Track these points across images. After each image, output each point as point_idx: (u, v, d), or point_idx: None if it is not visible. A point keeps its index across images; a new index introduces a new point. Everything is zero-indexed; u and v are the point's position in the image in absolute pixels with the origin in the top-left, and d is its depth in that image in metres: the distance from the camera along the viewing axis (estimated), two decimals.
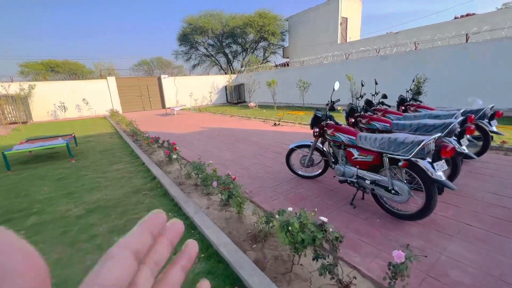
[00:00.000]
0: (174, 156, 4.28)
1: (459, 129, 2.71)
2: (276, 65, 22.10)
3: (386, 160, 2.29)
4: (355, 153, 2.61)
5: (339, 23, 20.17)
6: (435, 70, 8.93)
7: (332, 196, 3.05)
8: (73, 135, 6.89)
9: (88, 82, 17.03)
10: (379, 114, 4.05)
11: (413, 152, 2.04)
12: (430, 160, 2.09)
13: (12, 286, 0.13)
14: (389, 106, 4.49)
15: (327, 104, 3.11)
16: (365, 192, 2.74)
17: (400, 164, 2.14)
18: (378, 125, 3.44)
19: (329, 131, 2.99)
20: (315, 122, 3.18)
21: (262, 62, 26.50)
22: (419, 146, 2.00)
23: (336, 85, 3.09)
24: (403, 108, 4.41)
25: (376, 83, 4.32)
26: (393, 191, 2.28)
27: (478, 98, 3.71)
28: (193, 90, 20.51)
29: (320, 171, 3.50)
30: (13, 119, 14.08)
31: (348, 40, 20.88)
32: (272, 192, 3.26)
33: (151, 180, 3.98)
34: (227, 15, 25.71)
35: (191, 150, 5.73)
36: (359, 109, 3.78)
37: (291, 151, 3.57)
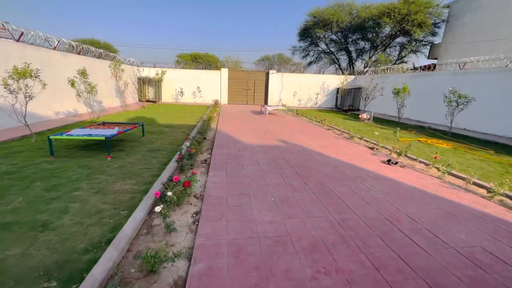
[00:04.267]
0: (157, 209, 2.35)
1: None
2: (415, 68, 16.38)
3: None
4: None
5: None
6: None
7: None
8: (141, 124, 6.47)
9: (205, 72, 18.38)
10: None
11: None
12: None
13: None
14: None
15: None
16: None
17: None
18: None
19: None
20: None
21: (395, 63, 20.76)
22: None
23: None
24: None
25: None
26: None
27: None
28: (299, 89, 18.48)
29: None
30: (147, 98, 17.06)
31: None
32: None
33: (107, 241, 2.24)
34: (359, 5, 21.53)
35: (225, 184, 3.68)
36: None
37: None
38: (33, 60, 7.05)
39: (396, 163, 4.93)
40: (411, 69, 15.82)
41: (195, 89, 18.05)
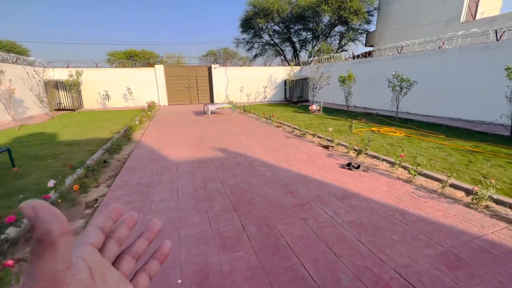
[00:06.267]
0: None
1: None
2: (354, 56, 16.67)
3: None
4: None
5: None
6: None
7: None
8: (4, 150, 4.31)
9: (136, 71, 15.72)
10: None
11: None
12: None
13: (54, 239, 0.21)
14: None
15: None
16: None
17: None
18: None
19: None
20: None
21: (337, 51, 21.08)
22: None
23: None
24: None
25: None
26: None
27: None
28: (245, 83, 17.22)
29: None
30: (63, 106, 13.73)
31: (478, 17, 13.67)
32: None
33: None
34: None
35: None
36: None
37: None
38: None
39: (358, 166, 3.98)
40: (351, 57, 15.99)
41: (125, 90, 15.30)
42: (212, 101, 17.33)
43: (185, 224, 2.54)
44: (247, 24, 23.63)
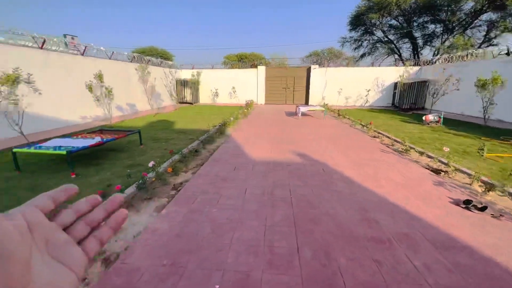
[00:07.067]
0: None
1: None
2: (509, 52, 11.96)
3: None
4: None
5: None
6: None
7: None
8: (135, 132, 5.70)
9: (241, 72, 17.46)
10: None
11: None
12: None
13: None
14: None
15: None
16: None
17: None
18: None
19: None
20: None
21: (480, 47, 16.05)
22: None
23: None
24: None
25: None
26: None
27: None
28: (345, 85, 15.89)
29: None
30: (185, 100, 17.06)
31: None
32: None
33: None
34: None
35: (162, 242, 2.35)
36: None
37: None
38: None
39: (484, 208, 2.81)
40: (505, 53, 11.66)
41: (231, 89, 17.30)
42: (307, 102, 17.04)
43: (243, 226, 2.52)
44: (357, 21, 21.67)
